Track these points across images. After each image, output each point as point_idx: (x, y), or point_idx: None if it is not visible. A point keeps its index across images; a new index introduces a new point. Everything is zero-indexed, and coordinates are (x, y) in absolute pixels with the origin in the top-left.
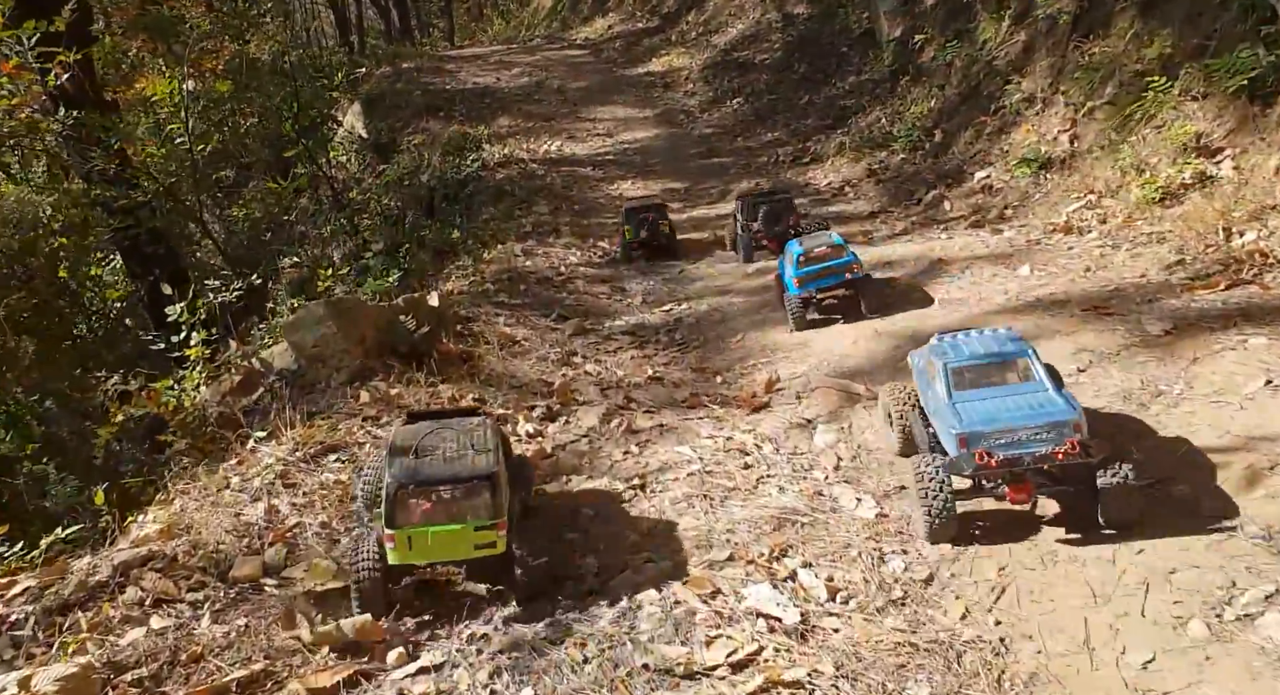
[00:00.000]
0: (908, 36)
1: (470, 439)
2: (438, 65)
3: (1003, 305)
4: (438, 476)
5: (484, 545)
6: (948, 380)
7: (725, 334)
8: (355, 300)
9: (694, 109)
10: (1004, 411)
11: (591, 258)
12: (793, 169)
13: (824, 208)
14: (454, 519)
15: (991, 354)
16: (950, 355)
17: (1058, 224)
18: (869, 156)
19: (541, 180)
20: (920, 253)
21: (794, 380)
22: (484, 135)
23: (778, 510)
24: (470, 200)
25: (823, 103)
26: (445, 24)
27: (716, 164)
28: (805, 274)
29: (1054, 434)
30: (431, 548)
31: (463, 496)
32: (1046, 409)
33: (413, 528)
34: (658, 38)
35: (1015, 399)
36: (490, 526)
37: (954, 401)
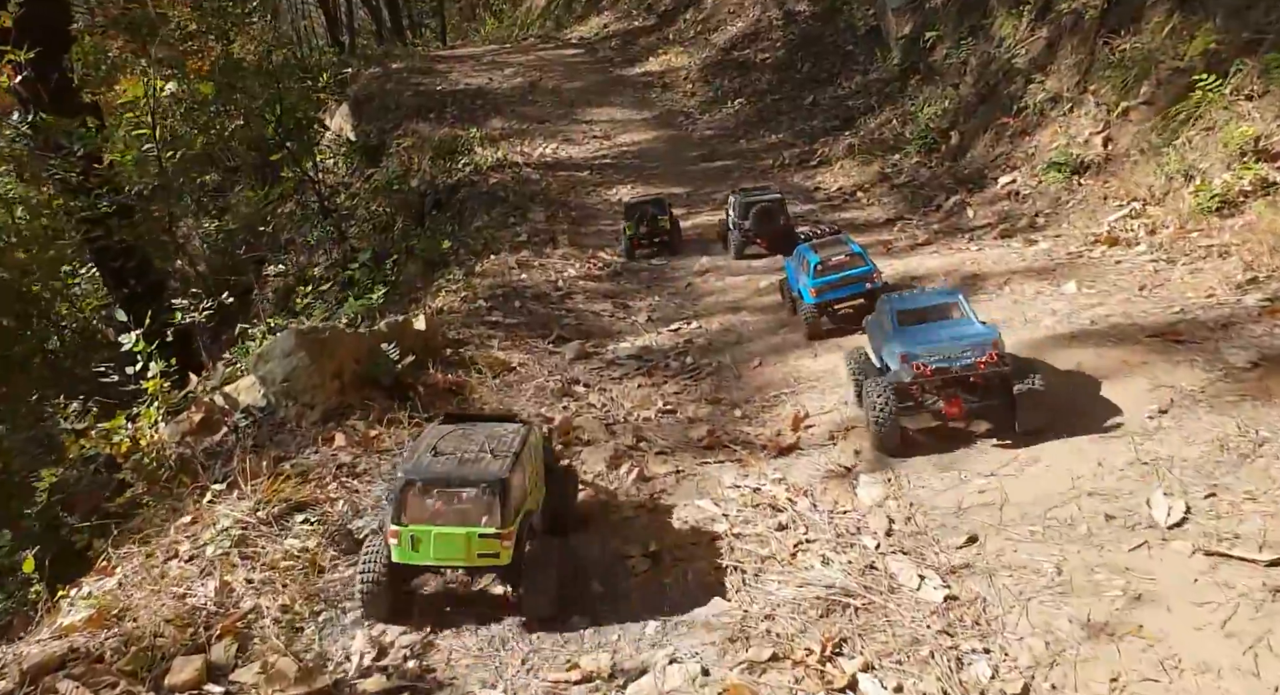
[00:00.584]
0: (917, 34)
1: (493, 443)
2: (429, 65)
3: (1052, 328)
4: (446, 476)
5: (487, 555)
6: (893, 318)
7: (741, 358)
8: (331, 329)
9: (693, 110)
10: (938, 336)
11: (591, 269)
12: (800, 172)
13: (836, 214)
14: (459, 522)
15: (929, 300)
16: (896, 302)
17: (1100, 235)
18: (880, 160)
19: (536, 185)
20: (950, 266)
21: (824, 415)
22: (476, 138)
23: (824, 589)
24: (462, 206)
25: (828, 103)
26: (437, 23)
27: (719, 167)
28: (823, 283)
29: (977, 349)
30: (433, 549)
31: (471, 500)
32: (971, 332)
33: (417, 526)
34: (655, 36)
35: (947, 329)
36: (495, 536)
37: (897, 333)
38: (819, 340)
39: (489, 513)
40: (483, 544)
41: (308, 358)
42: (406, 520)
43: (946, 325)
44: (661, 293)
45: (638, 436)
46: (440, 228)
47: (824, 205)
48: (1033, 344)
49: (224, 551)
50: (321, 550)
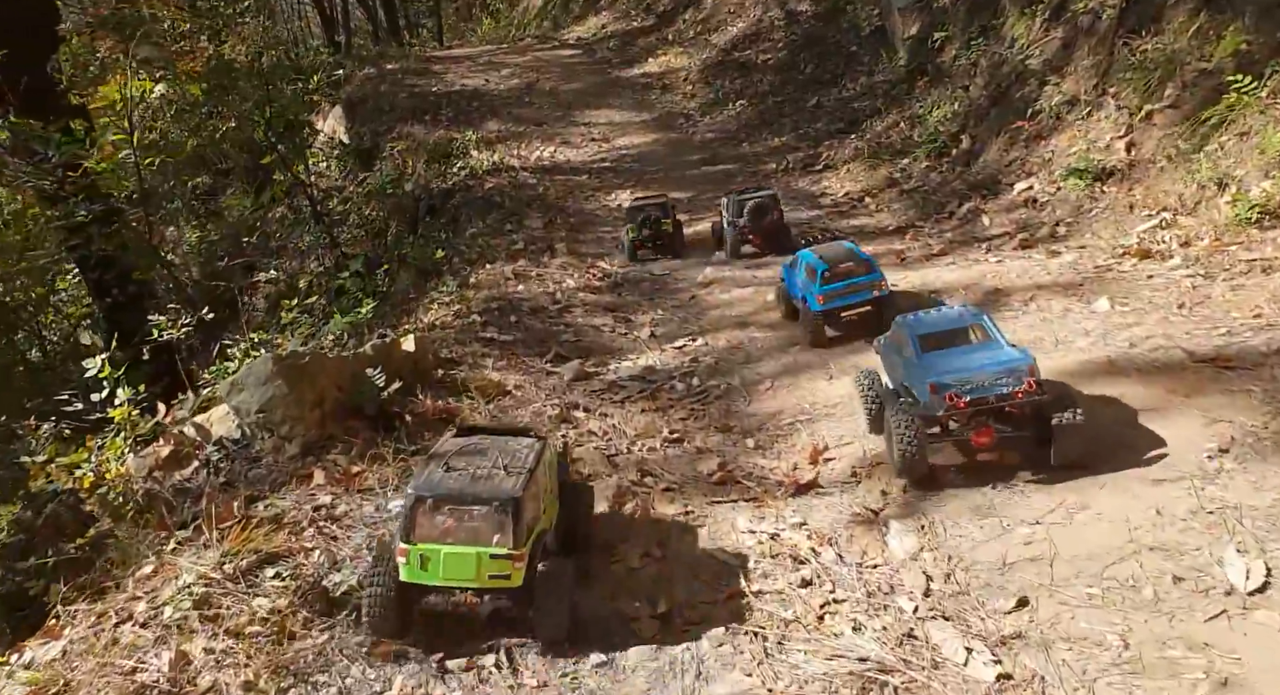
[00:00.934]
0: (925, 34)
1: (506, 459)
2: (424, 66)
3: (1087, 351)
4: (457, 493)
5: (498, 576)
6: (916, 345)
7: (752, 380)
8: (312, 354)
9: (694, 112)
10: (968, 363)
11: (590, 280)
12: (804, 177)
13: (845, 221)
14: (469, 542)
15: (952, 323)
16: (916, 326)
17: (1128, 247)
18: (888, 164)
19: (533, 190)
20: (970, 279)
21: (844, 447)
22: (471, 141)
23: (858, 663)
24: (457, 212)
25: (833, 105)
26: (434, 24)
27: (720, 172)
28: (830, 290)
29: (1013, 377)
30: (443, 569)
31: (482, 519)
32: (1004, 358)
33: (426, 544)
34: (654, 37)
35: (977, 354)
36: (507, 557)
37: (921, 360)
38: (822, 348)
39: (501, 532)
40: (494, 564)
41: (285, 386)
42: (416, 538)
43: (975, 350)
44: (665, 305)
45: (642, 471)
46: (434, 235)
47: (831, 211)
48: (1067, 370)
49: (182, 615)
50: (292, 612)
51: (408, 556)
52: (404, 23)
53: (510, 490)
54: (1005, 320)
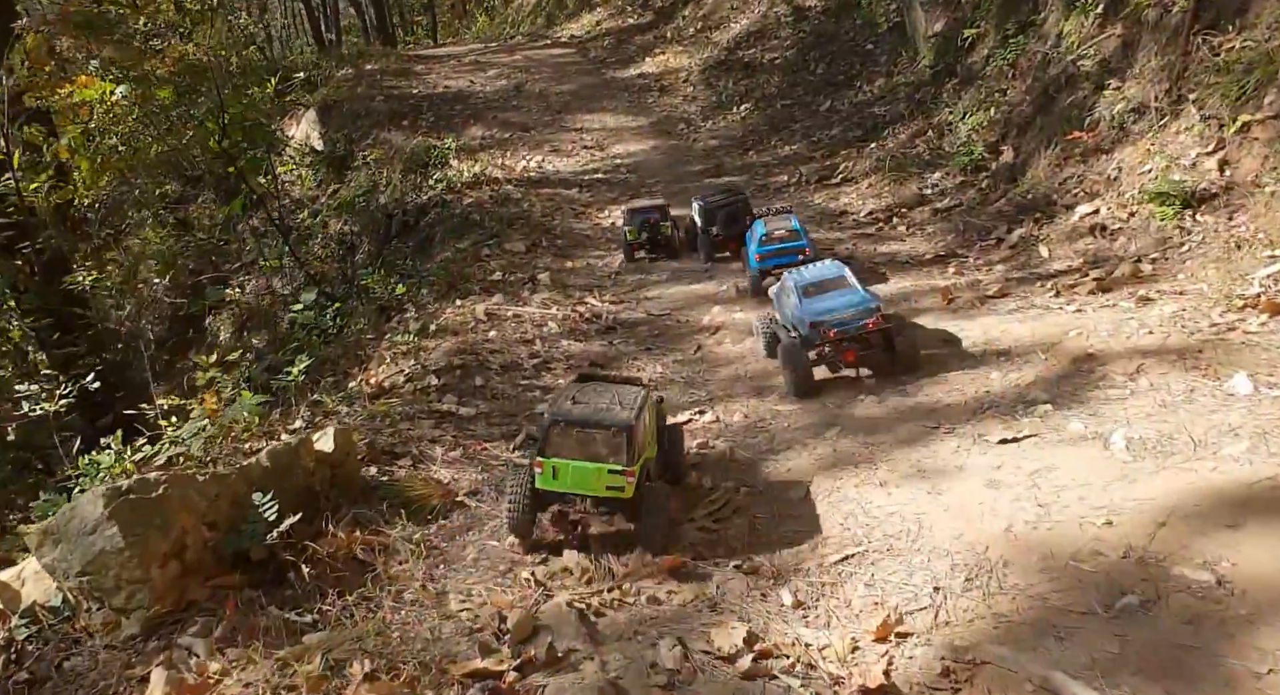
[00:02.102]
0: (952, 32)
1: (620, 398)
2: (406, 66)
3: (1246, 463)
4: (585, 419)
5: (614, 487)
6: (798, 292)
7: (780, 480)
8: (171, 480)
9: (695, 116)
10: (835, 304)
11: (577, 323)
12: (821, 191)
13: (872, 246)
14: (592, 458)
15: (823, 275)
16: (799, 280)
17: (1251, 298)
18: (917, 178)
19: (517, 206)
20: (1045, 335)
21: (920, 611)
22: (451, 149)
23: None
24: (431, 231)
25: (849, 110)
26: (428, 21)
27: (726, 184)
28: (766, 251)
29: (865, 313)
30: (570, 479)
31: (602, 441)
32: (858, 300)
33: (557, 459)
34: (651, 34)
35: (841, 298)
36: (620, 472)
37: (804, 304)
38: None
39: (617, 452)
40: (611, 478)
41: (122, 535)
42: (550, 453)
43: (840, 295)
44: (664, 359)
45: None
46: (399, 262)
47: (855, 233)
48: (1229, 498)
49: None
50: None
51: (542, 468)
52: (398, 20)
53: (626, 419)
54: (1110, 402)
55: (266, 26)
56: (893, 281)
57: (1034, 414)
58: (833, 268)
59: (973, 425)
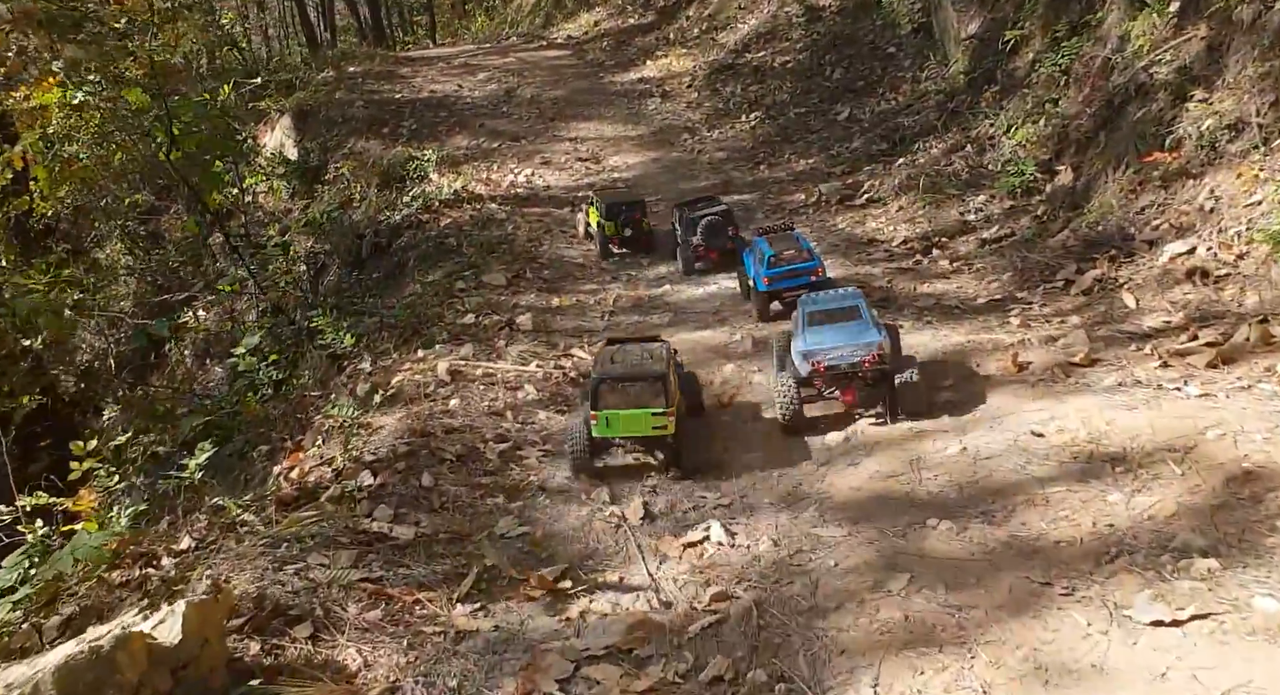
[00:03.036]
0: (990, 34)
1: (650, 354)
2: (390, 69)
3: None
4: (626, 375)
5: (659, 427)
6: (803, 318)
7: (835, 670)
8: None
9: (699, 125)
10: (835, 338)
11: (560, 385)
12: (844, 213)
13: (913, 284)
14: (637, 405)
15: (836, 302)
16: (809, 304)
17: None
18: (956, 201)
19: (500, 228)
20: (1171, 434)
21: None
22: (431, 162)
23: None
24: (403, 255)
25: (871, 120)
26: (427, 21)
27: (737, 203)
28: (775, 274)
29: (864, 349)
30: (621, 425)
31: (644, 390)
32: (861, 335)
33: (609, 410)
34: (652, 36)
35: (846, 331)
36: (663, 413)
37: (804, 333)
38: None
39: (658, 398)
40: (655, 420)
41: None
42: (601, 407)
43: (846, 327)
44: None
45: None
46: (360, 297)
47: (890, 268)
48: None
49: None
50: None
51: (596, 419)
52: (398, 20)
53: (660, 370)
54: None
55: (265, 27)
56: (942, 331)
57: (1192, 573)
58: (849, 296)
59: (1102, 585)
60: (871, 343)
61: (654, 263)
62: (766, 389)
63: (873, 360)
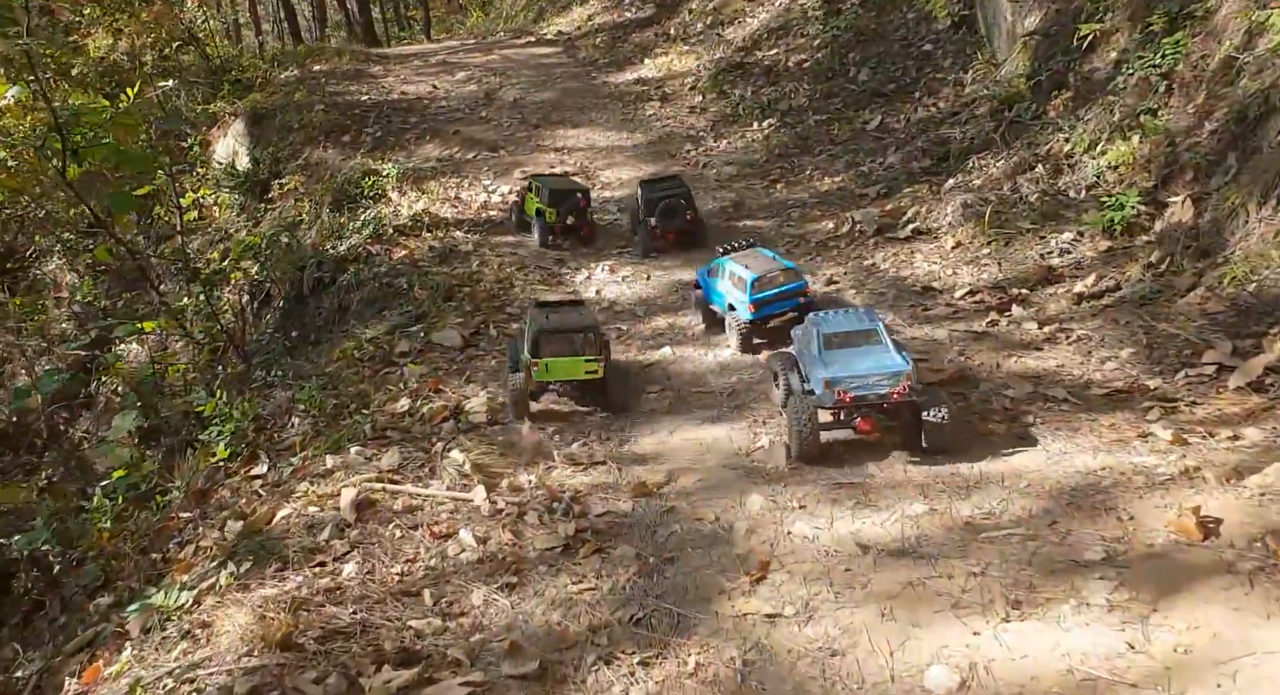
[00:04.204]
0: (1058, 28)
1: (579, 311)
2: (360, 67)
3: None
4: (563, 327)
5: (591, 372)
6: (819, 341)
7: None
8: None
9: (704, 133)
10: (859, 364)
11: (515, 525)
12: (883, 247)
13: (996, 357)
14: (572, 354)
15: (853, 325)
16: (824, 325)
17: None
18: (1033, 238)
19: (465, 264)
20: None
21: None
22: (391, 178)
23: None
24: (344, 297)
25: (907, 129)
26: (422, 16)
27: (752, 231)
28: (760, 299)
29: (892, 379)
30: (558, 371)
31: (577, 340)
32: (887, 363)
33: (549, 358)
34: (651, 31)
35: (868, 358)
36: (595, 360)
37: (822, 357)
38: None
39: (590, 347)
40: (588, 365)
41: None
42: (542, 355)
43: (867, 352)
44: (666, 669)
45: None
46: (279, 355)
47: (956, 331)
48: None
49: None
50: None
51: (538, 366)
52: (392, 15)
53: (592, 322)
54: None
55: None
56: (1054, 444)
57: None
58: (864, 318)
59: None
60: (900, 372)
61: (650, 314)
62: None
63: (902, 391)
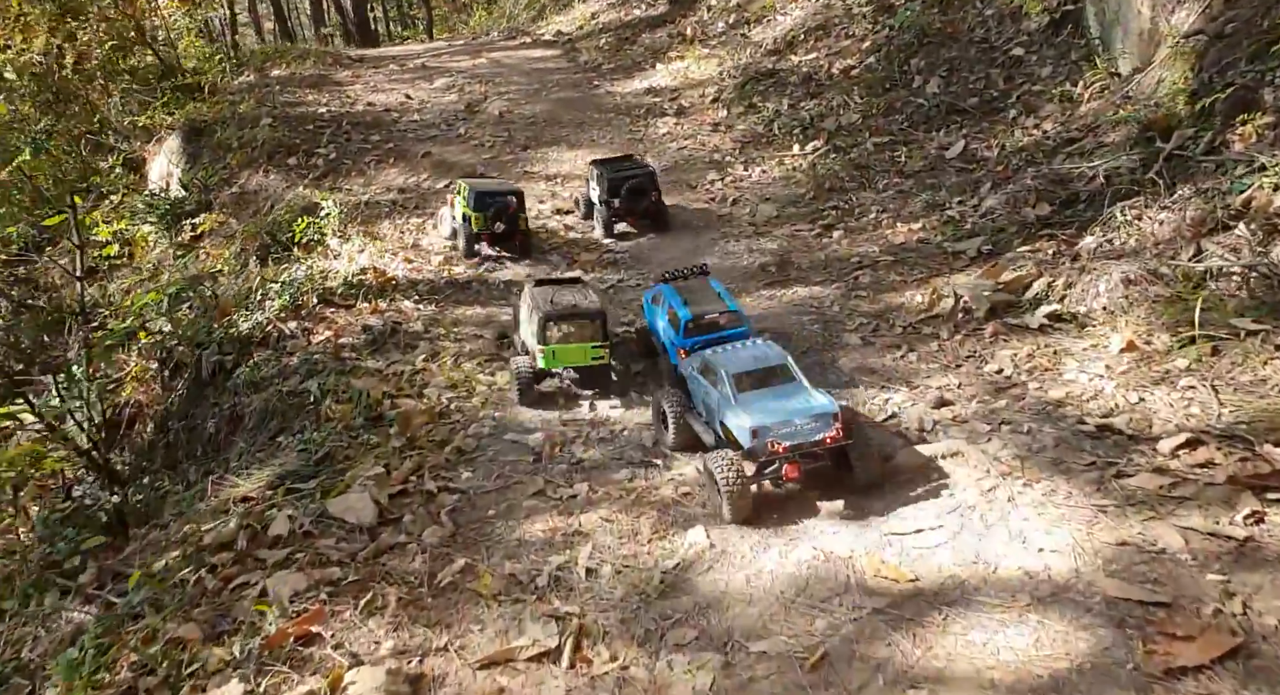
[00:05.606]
0: (1234, 26)
1: (585, 292)
2: (323, 73)
3: None
4: (570, 312)
5: (597, 358)
6: (731, 384)
7: None
8: None
9: (731, 158)
10: (784, 408)
11: None
12: (1010, 343)
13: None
14: (580, 340)
15: (763, 362)
16: (730, 364)
17: None
18: (1267, 347)
19: (407, 356)
20: None
21: None
22: (332, 218)
23: None
24: (235, 404)
25: (1007, 159)
26: (425, 15)
27: (807, 301)
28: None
29: (822, 423)
30: (565, 358)
31: (585, 326)
32: (813, 404)
33: (555, 344)
34: (664, 32)
35: (790, 399)
36: (601, 346)
37: (738, 404)
38: None
39: (597, 333)
40: (594, 351)
41: None
42: (548, 341)
43: (787, 393)
44: None
45: None
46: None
47: (1189, 524)
48: None
49: None
50: None
51: (544, 353)
52: (395, 13)
53: (600, 307)
54: None
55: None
56: None
57: None
58: (772, 352)
59: None
60: (826, 413)
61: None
62: None
63: (836, 436)
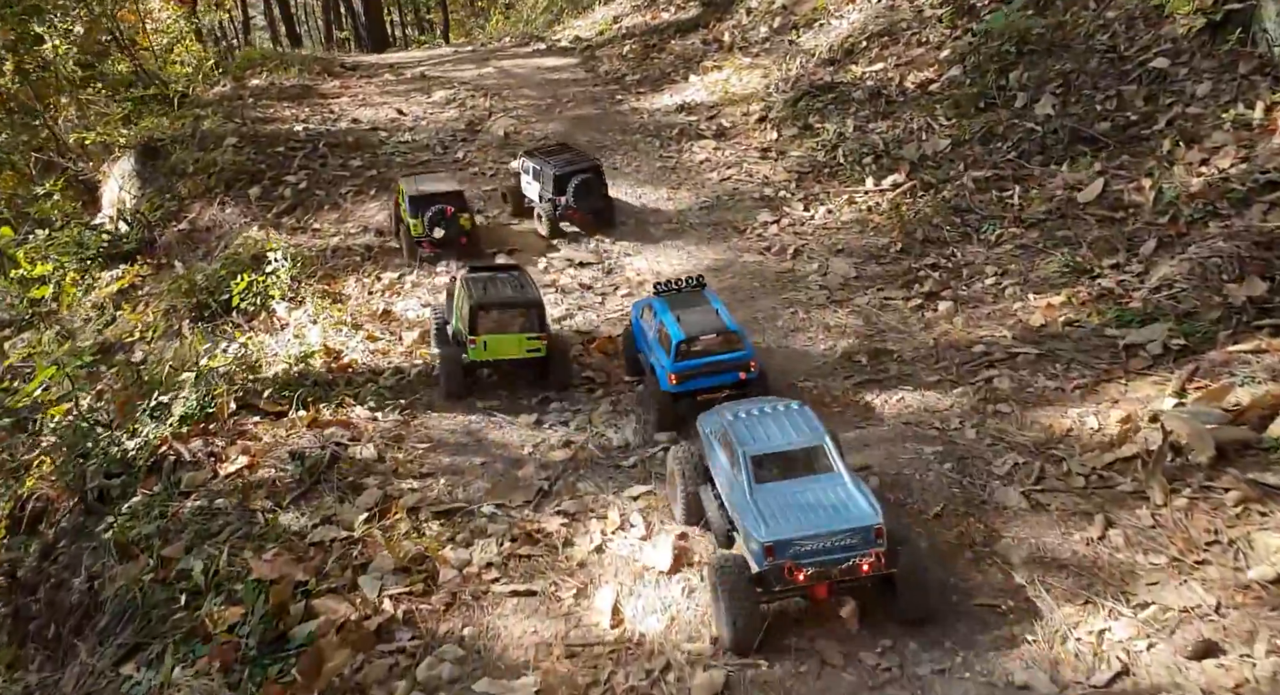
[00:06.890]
0: None
1: (518, 281)
2: (308, 84)
3: None
4: (504, 301)
5: (532, 350)
6: (748, 471)
7: None
8: None
9: (786, 192)
10: (808, 513)
11: None
12: (1257, 514)
13: None
14: (514, 331)
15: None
16: (751, 442)
17: None
18: None
19: (345, 505)
20: None
21: None
22: (284, 273)
23: None
24: (98, 572)
25: (1173, 209)
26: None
27: (906, 420)
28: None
29: (859, 539)
30: (497, 349)
31: (521, 316)
32: (851, 511)
33: (487, 335)
34: (697, 38)
35: (821, 499)
36: (538, 338)
37: (755, 498)
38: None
39: (533, 324)
40: (530, 343)
41: None
42: (480, 332)
43: (818, 489)
44: None
45: None
46: None
47: None
48: None
49: None
50: None
51: (475, 344)
52: (412, 17)
53: (536, 297)
54: None
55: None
56: None
57: None
58: (806, 426)
59: None
60: (868, 527)
61: None
62: None
63: (875, 563)
